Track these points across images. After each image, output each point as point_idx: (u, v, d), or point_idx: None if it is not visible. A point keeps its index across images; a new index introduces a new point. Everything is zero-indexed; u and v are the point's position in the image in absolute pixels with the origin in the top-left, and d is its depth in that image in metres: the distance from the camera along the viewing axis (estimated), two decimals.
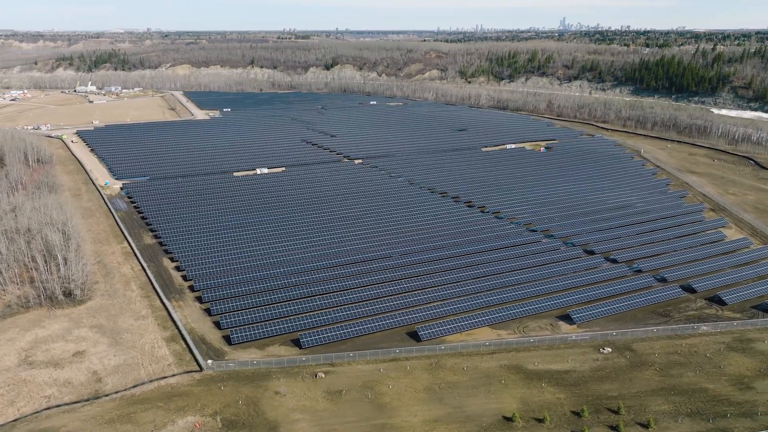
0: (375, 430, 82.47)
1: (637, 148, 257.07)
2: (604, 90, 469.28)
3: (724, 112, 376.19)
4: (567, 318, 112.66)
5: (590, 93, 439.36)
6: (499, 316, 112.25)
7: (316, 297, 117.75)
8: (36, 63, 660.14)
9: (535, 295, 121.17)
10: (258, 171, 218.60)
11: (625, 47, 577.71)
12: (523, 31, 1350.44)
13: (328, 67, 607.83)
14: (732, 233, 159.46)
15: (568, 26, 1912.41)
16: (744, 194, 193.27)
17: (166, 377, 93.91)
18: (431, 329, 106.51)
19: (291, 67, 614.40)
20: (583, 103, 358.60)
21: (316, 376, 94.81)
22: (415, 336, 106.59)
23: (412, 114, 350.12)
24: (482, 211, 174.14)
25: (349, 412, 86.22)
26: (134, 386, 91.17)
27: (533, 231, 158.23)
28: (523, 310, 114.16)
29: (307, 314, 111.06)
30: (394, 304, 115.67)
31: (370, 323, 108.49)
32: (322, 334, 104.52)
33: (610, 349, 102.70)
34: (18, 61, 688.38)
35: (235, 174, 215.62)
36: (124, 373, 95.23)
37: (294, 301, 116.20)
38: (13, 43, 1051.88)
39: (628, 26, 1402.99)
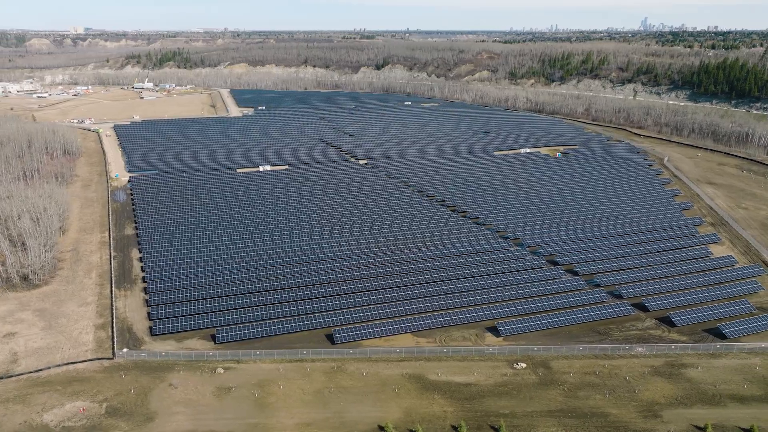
0: (247, 429, 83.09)
1: (663, 156, 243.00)
2: (658, 94, 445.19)
3: None
4: (495, 330, 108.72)
5: (634, 97, 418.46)
6: (425, 323, 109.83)
7: (246, 295, 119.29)
8: (107, 61, 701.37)
9: (469, 304, 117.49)
10: (261, 168, 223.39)
11: (688, 49, 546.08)
12: (598, 32, 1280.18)
13: (378, 67, 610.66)
14: (721, 250, 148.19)
15: (650, 26, 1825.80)
16: (757, 209, 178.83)
17: (76, 362, 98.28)
18: (347, 333, 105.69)
19: (342, 67, 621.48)
20: (621, 107, 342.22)
21: (215, 371, 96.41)
22: (331, 339, 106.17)
23: (442, 115, 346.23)
24: (462, 216, 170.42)
25: (229, 409, 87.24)
26: (42, 369, 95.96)
27: (505, 239, 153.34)
28: (452, 319, 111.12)
29: (229, 311, 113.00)
30: (319, 306, 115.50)
31: (291, 323, 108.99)
32: (239, 330, 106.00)
33: (524, 365, 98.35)
34: (92, 59, 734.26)
35: (239, 170, 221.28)
36: (41, 355, 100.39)
37: (220, 298, 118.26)
38: (99, 42, 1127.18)
39: (716, 26, 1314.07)
